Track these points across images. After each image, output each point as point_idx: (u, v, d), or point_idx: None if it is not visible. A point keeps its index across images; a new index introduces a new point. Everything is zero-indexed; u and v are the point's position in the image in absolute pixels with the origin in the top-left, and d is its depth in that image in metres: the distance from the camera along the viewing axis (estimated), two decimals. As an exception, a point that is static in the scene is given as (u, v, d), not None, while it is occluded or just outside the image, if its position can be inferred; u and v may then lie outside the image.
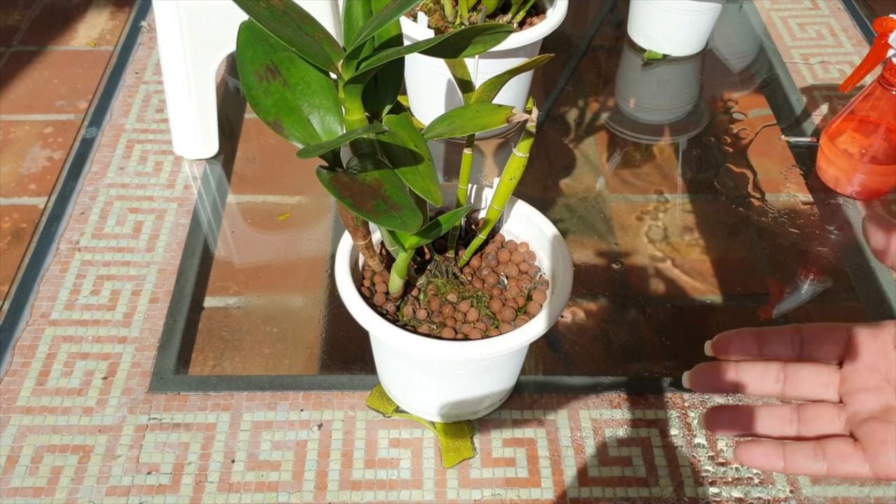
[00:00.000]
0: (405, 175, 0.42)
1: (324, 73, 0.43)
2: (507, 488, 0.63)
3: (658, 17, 1.04)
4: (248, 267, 0.80)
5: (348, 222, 0.49)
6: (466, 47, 0.41)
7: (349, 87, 0.40)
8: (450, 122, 0.48)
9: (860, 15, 1.15)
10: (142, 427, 0.66)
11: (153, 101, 0.97)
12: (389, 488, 0.63)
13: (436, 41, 0.38)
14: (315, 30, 0.41)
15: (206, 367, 0.71)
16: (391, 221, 0.39)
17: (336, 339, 0.74)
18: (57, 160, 0.90)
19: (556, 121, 0.98)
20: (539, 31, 0.82)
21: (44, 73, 1.02)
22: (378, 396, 0.68)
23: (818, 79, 1.04)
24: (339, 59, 0.40)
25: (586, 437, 0.67)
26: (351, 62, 0.39)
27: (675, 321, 0.76)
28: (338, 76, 0.41)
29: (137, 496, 0.62)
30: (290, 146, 0.93)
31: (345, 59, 0.39)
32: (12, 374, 0.70)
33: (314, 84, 0.42)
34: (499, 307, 0.56)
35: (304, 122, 0.42)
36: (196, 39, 0.81)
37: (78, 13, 1.13)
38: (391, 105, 0.46)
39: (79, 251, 0.80)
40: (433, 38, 0.38)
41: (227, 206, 0.86)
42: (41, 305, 0.75)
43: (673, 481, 0.64)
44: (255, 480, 0.63)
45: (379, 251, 0.56)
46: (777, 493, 0.64)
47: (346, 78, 0.40)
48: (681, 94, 1.04)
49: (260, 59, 0.42)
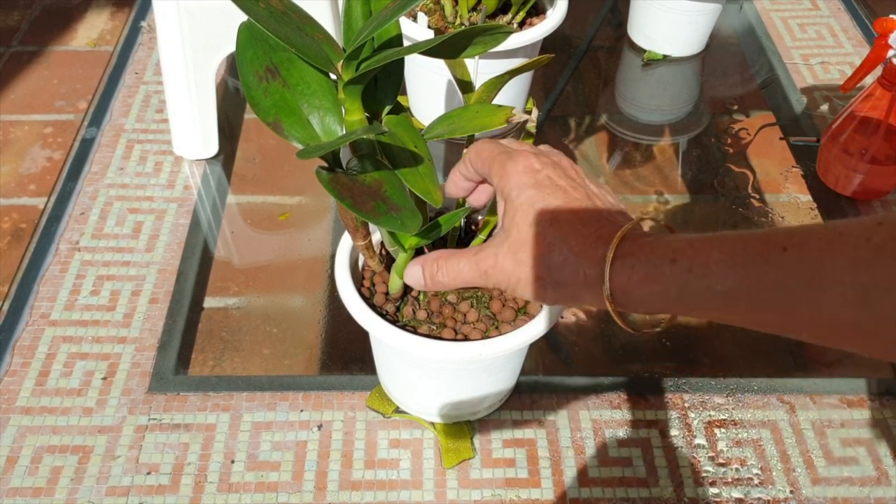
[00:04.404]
0: (405, 176, 0.42)
1: (323, 74, 0.43)
2: (507, 489, 0.63)
3: (658, 18, 1.04)
4: (248, 267, 0.80)
5: (348, 223, 0.49)
6: (466, 48, 0.41)
7: (349, 87, 0.40)
8: (449, 123, 0.48)
9: (860, 15, 1.15)
10: (141, 427, 0.66)
11: (153, 101, 0.97)
12: (389, 489, 0.63)
13: (435, 42, 0.38)
14: (315, 30, 0.41)
15: (205, 367, 0.71)
16: (391, 222, 0.39)
17: (336, 340, 0.74)
18: (57, 160, 0.90)
19: (556, 121, 0.98)
20: (539, 31, 0.82)
21: (43, 74, 1.02)
22: (378, 397, 0.68)
23: (818, 79, 1.04)
24: (339, 60, 0.40)
25: (586, 438, 0.67)
26: (351, 63, 0.39)
27: (675, 321, 0.76)
28: (337, 77, 0.40)
29: (137, 496, 0.62)
30: (289, 146, 0.93)
31: (344, 60, 0.39)
32: (12, 374, 0.70)
33: (314, 84, 0.42)
34: (499, 307, 0.56)
35: (304, 123, 0.42)
36: (196, 39, 0.81)
37: (78, 13, 1.13)
38: (391, 105, 0.46)
39: (78, 251, 0.80)
40: (433, 39, 0.38)
41: (227, 207, 0.86)
42: (41, 306, 0.75)
43: (673, 482, 0.64)
44: (255, 481, 0.63)
45: (379, 251, 0.56)
46: (777, 493, 0.64)
47: (346, 79, 0.39)
48: (681, 95, 1.04)
49: (259, 60, 0.42)
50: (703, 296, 0.34)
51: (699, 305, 0.35)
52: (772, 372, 0.72)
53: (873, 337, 0.30)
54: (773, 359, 0.73)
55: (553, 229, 0.39)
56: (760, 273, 0.32)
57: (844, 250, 0.30)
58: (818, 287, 0.30)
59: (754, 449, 0.67)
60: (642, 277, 0.36)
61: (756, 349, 0.74)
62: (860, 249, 0.30)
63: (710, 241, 0.34)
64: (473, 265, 0.42)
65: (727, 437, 0.67)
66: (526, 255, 0.40)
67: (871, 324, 0.30)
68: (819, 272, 0.30)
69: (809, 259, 0.31)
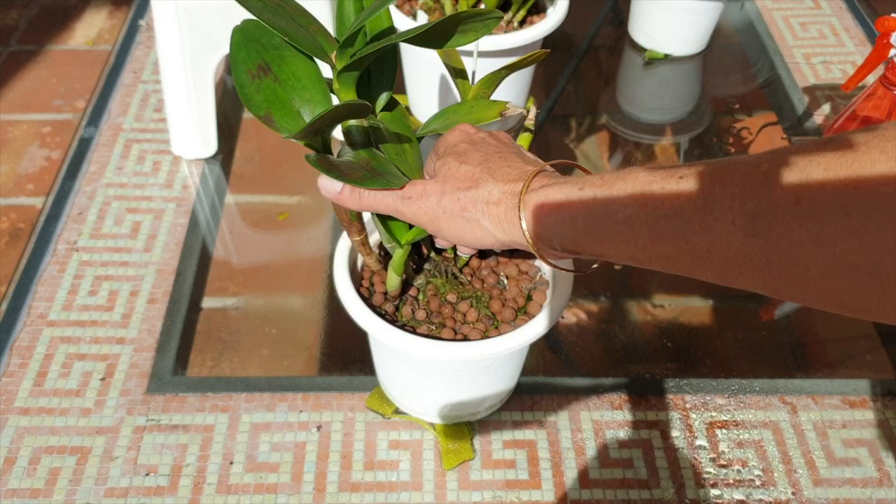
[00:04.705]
0: (389, 153, 0.44)
1: (314, 69, 0.43)
2: (507, 490, 0.63)
3: (659, 17, 1.04)
4: (247, 267, 0.80)
5: (342, 217, 0.49)
6: (454, 35, 0.41)
7: (343, 75, 0.41)
8: (445, 118, 0.48)
9: (862, 14, 1.15)
10: (140, 428, 0.66)
11: (151, 100, 0.97)
12: (389, 490, 0.63)
13: (425, 27, 0.38)
14: (309, 22, 0.42)
15: (204, 368, 0.71)
16: (376, 182, 0.41)
17: (335, 341, 0.73)
18: (55, 160, 0.90)
19: (556, 120, 0.97)
20: (539, 30, 0.81)
21: (42, 73, 1.02)
22: (377, 398, 0.68)
23: (820, 78, 1.04)
24: (333, 51, 0.41)
25: (587, 439, 0.66)
26: (345, 50, 0.40)
27: (676, 321, 0.76)
28: (331, 66, 0.41)
29: (136, 497, 0.62)
30: (289, 146, 0.93)
31: (339, 49, 0.40)
32: (10, 374, 0.69)
33: (304, 79, 0.43)
34: (498, 307, 0.55)
35: (295, 115, 0.43)
36: (194, 39, 0.81)
37: (76, 12, 1.13)
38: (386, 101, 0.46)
39: (76, 251, 0.80)
40: (422, 25, 0.38)
41: (226, 206, 0.85)
42: (39, 306, 0.75)
43: (674, 483, 0.64)
44: (254, 482, 0.63)
45: (377, 253, 0.56)
46: (779, 494, 0.63)
47: (340, 67, 0.40)
48: (682, 94, 1.04)
49: (252, 59, 0.42)
50: (608, 224, 0.35)
51: (605, 236, 0.35)
52: (773, 372, 0.72)
53: (767, 270, 0.30)
54: (775, 359, 0.73)
55: (481, 168, 0.41)
56: (658, 200, 0.33)
57: (736, 177, 0.31)
58: (710, 214, 0.31)
59: (756, 450, 0.66)
60: (553, 206, 0.37)
61: (757, 350, 0.74)
62: (750, 176, 0.30)
63: (620, 174, 0.35)
64: (398, 192, 0.42)
65: (729, 437, 0.67)
66: (453, 187, 0.41)
67: (761, 253, 0.30)
68: (710, 198, 0.31)
69: (702, 185, 0.31)
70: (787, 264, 0.29)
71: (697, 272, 0.33)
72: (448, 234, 0.42)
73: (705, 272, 0.33)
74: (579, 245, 0.37)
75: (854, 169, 0.27)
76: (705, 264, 0.32)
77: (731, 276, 0.32)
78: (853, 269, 0.27)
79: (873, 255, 0.26)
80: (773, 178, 0.29)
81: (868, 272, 0.27)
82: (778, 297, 0.32)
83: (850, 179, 0.27)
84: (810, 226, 0.28)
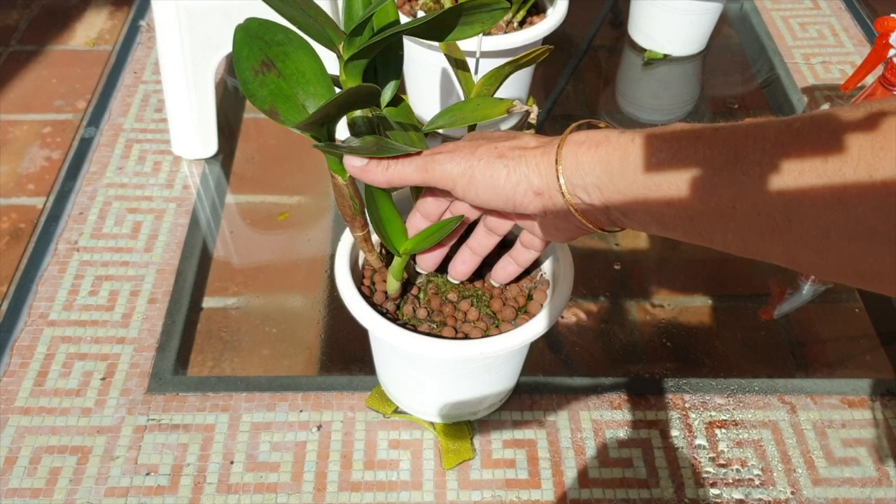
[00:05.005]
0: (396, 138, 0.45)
1: (318, 64, 0.44)
2: (507, 489, 0.63)
3: (659, 17, 1.04)
4: (247, 267, 0.80)
5: (345, 211, 0.49)
6: (459, 25, 0.41)
7: (350, 65, 0.41)
8: (450, 115, 0.48)
9: (861, 14, 1.15)
10: (140, 428, 0.66)
11: (152, 100, 0.97)
12: (389, 489, 0.63)
13: (432, 16, 0.38)
14: (318, 13, 0.42)
15: (204, 367, 0.71)
16: (385, 151, 0.42)
17: (335, 340, 0.73)
18: (55, 160, 0.90)
19: (556, 120, 0.98)
20: (539, 30, 0.82)
21: (42, 73, 1.02)
22: (377, 397, 0.68)
23: (819, 79, 1.04)
24: (340, 42, 0.41)
25: (587, 439, 0.66)
26: (353, 40, 0.40)
27: (675, 321, 0.76)
28: (339, 56, 0.42)
29: (136, 497, 0.62)
30: (289, 146, 0.93)
31: (347, 38, 0.41)
32: (10, 374, 0.69)
33: (308, 73, 0.43)
34: (499, 306, 0.55)
35: (300, 108, 0.43)
36: (195, 39, 0.81)
37: (76, 13, 1.13)
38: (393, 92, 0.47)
39: (77, 251, 0.80)
40: (429, 15, 0.39)
41: (226, 206, 0.86)
42: (39, 306, 0.75)
43: (674, 483, 0.64)
44: (254, 482, 0.63)
45: (379, 251, 0.56)
46: (778, 494, 0.63)
47: (347, 56, 0.41)
48: (682, 94, 1.04)
49: (255, 56, 0.42)
50: (639, 168, 0.35)
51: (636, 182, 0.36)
52: (772, 372, 0.72)
53: (788, 232, 0.30)
54: (774, 359, 0.73)
55: (503, 140, 0.42)
56: (690, 148, 0.33)
57: (768, 133, 0.31)
58: (739, 167, 0.31)
59: (755, 449, 0.66)
60: (591, 144, 0.38)
61: (757, 349, 0.74)
62: (782, 133, 0.31)
63: (660, 127, 0.36)
64: (420, 158, 0.42)
65: (728, 437, 0.67)
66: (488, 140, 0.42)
67: (783, 213, 0.30)
68: (742, 152, 0.31)
69: (735, 139, 0.32)
70: (807, 226, 0.30)
71: (718, 235, 0.33)
72: (480, 183, 0.41)
73: (726, 235, 0.33)
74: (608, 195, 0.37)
75: (881, 131, 0.28)
76: (728, 223, 0.32)
77: (751, 242, 0.32)
78: (871, 233, 0.28)
79: (891, 218, 0.27)
80: (804, 136, 0.30)
81: (885, 236, 0.28)
82: (795, 265, 0.32)
83: (878, 141, 0.28)
84: (835, 185, 0.28)
